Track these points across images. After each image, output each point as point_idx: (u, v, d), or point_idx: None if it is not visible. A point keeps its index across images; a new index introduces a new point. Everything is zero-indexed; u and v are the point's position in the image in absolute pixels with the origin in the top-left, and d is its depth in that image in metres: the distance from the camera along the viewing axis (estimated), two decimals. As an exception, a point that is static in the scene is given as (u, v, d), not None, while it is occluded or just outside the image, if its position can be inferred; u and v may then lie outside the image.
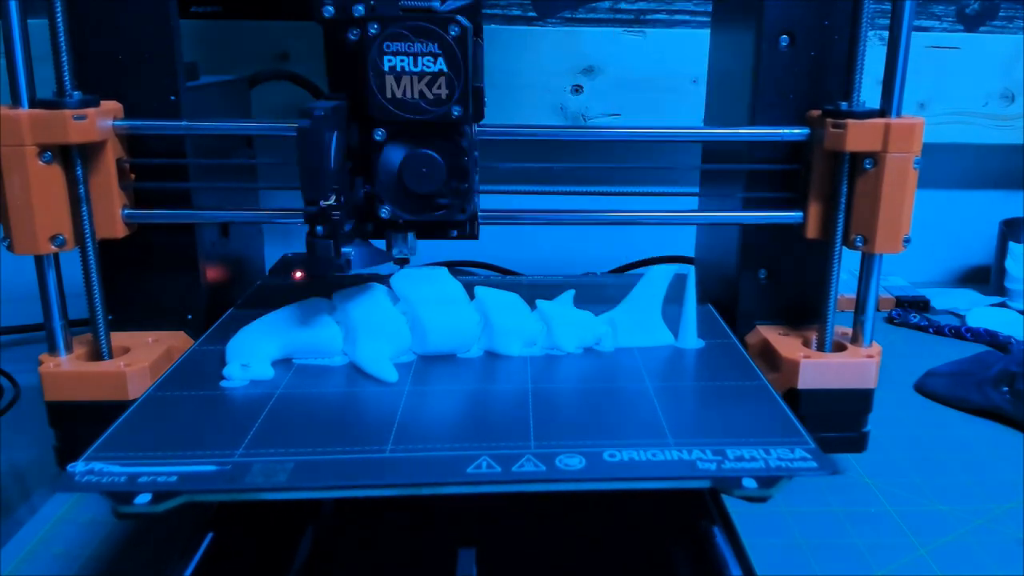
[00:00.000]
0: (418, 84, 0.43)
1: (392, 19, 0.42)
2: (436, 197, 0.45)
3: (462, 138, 0.45)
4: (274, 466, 0.36)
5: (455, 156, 0.45)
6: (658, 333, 0.51)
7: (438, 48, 0.42)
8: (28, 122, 0.45)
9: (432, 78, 0.43)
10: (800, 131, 0.51)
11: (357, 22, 0.43)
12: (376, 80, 0.42)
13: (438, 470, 0.36)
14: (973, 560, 0.47)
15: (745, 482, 0.35)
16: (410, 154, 0.44)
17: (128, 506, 0.33)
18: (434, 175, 0.44)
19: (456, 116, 0.43)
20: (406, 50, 0.42)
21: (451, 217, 0.46)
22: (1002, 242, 0.92)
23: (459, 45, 0.42)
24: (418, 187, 0.45)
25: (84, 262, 0.48)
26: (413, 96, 0.43)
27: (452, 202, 0.45)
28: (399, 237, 0.48)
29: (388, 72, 0.42)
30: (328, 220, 0.42)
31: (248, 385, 0.45)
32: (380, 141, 0.45)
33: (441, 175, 0.44)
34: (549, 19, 0.91)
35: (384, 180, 0.45)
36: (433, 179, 0.45)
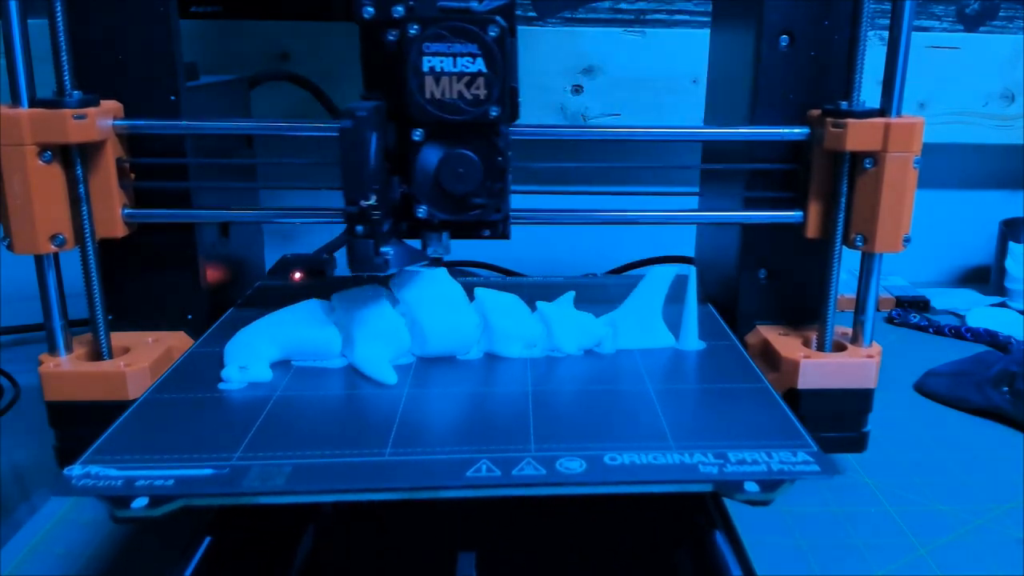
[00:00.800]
0: (457, 84, 0.43)
1: (432, 20, 0.42)
2: (472, 197, 0.45)
3: (498, 138, 0.45)
4: (272, 469, 0.36)
5: (491, 156, 0.45)
6: (659, 335, 0.51)
7: (477, 48, 0.42)
8: (28, 121, 0.45)
9: (471, 78, 0.43)
10: (800, 131, 0.51)
11: (396, 23, 0.43)
12: (415, 80, 0.43)
13: (437, 473, 0.36)
14: (973, 560, 0.47)
15: (747, 486, 0.35)
16: (447, 154, 0.45)
17: (125, 510, 0.33)
18: (471, 175, 0.45)
19: (494, 116, 0.44)
20: (445, 51, 0.42)
21: (486, 217, 0.46)
22: (1002, 242, 0.92)
23: (498, 45, 0.42)
24: (455, 187, 0.45)
25: (84, 262, 0.48)
26: (452, 96, 0.43)
27: (488, 202, 0.45)
28: (434, 236, 0.48)
29: (427, 72, 0.43)
30: (368, 220, 0.42)
31: (246, 387, 0.45)
32: (418, 141, 0.45)
33: (478, 175, 0.45)
34: (549, 19, 0.91)
35: (421, 180, 0.45)
36: (470, 179, 0.45)
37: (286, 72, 0.85)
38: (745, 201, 0.54)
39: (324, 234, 0.88)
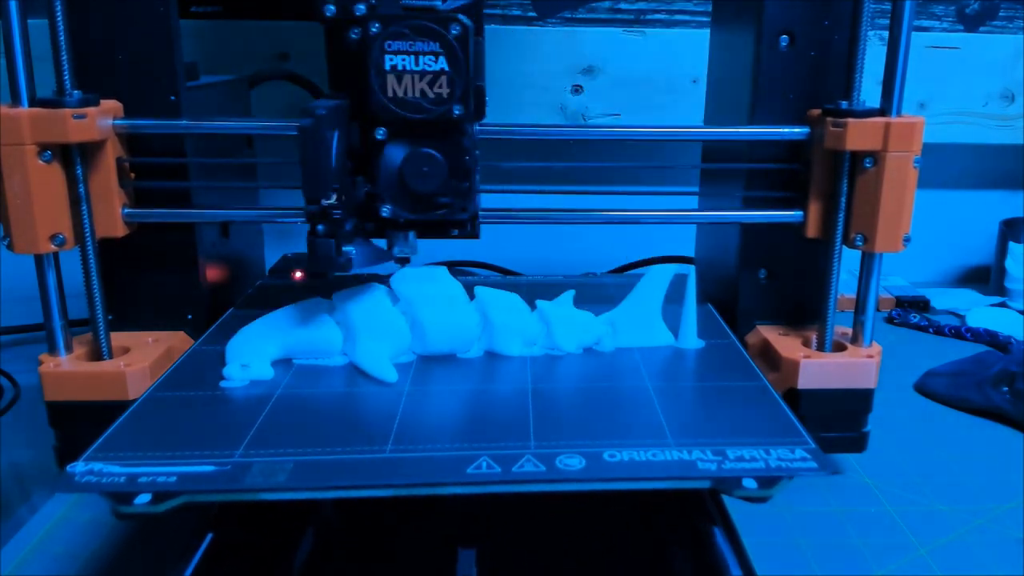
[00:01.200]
0: (419, 83, 0.43)
1: (393, 18, 0.42)
2: (437, 196, 0.45)
3: (463, 137, 0.45)
4: (274, 466, 0.36)
5: (456, 155, 0.45)
6: (658, 333, 0.51)
7: (439, 47, 0.42)
8: (28, 121, 0.45)
9: (433, 77, 0.43)
10: (800, 130, 0.51)
11: (358, 21, 0.43)
12: (377, 79, 0.43)
13: (438, 470, 0.36)
14: (973, 560, 0.47)
15: (745, 482, 0.35)
16: (411, 153, 0.44)
17: (128, 506, 0.33)
18: (435, 174, 0.44)
19: (457, 115, 0.43)
20: (407, 49, 0.42)
21: (452, 216, 0.46)
22: (1002, 242, 0.92)
23: (460, 44, 0.42)
24: (419, 186, 0.45)
25: (84, 261, 0.48)
26: (414, 95, 0.43)
27: (453, 201, 0.45)
28: (400, 236, 0.48)
29: (389, 71, 0.42)
30: (329, 219, 0.42)
31: (248, 385, 0.45)
32: (381, 140, 0.45)
33: (442, 174, 0.44)
34: (549, 19, 0.91)
35: (385, 179, 0.45)
36: (434, 178, 0.45)
37: (286, 72, 0.85)
38: (745, 201, 0.54)
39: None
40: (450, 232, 0.48)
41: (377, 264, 0.47)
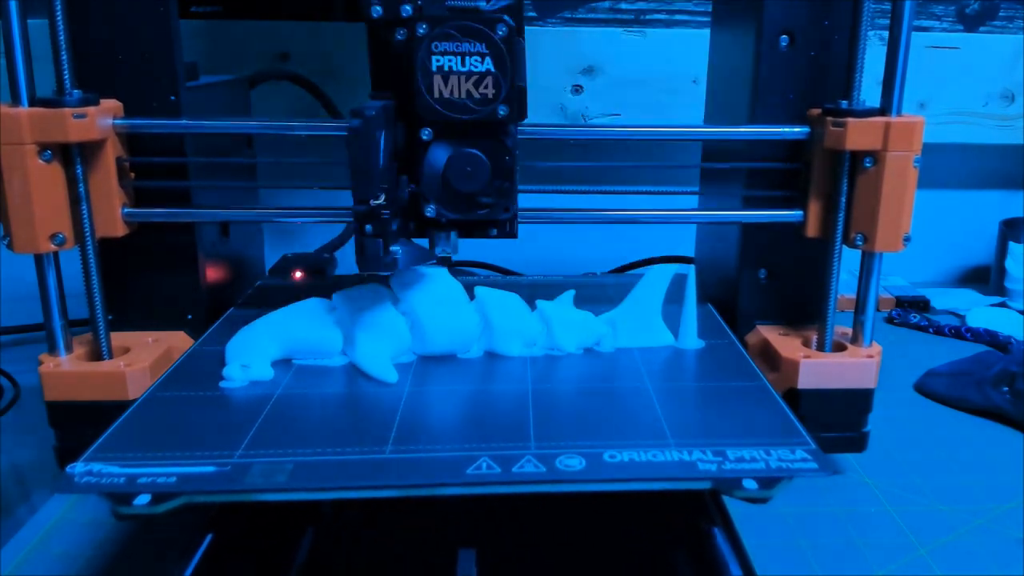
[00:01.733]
0: (465, 84, 0.43)
1: (440, 19, 0.42)
2: (480, 196, 0.45)
3: (507, 137, 0.45)
4: (273, 467, 0.36)
5: (499, 155, 0.45)
6: (658, 333, 0.51)
7: (486, 48, 0.42)
8: (28, 121, 0.45)
9: (480, 78, 0.43)
10: (800, 130, 0.51)
11: (404, 22, 0.44)
12: (424, 80, 0.43)
13: (438, 471, 0.36)
14: (973, 560, 0.47)
15: (746, 483, 0.35)
16: (455, 153, 0.45)
17: (127, 507, 0.33)
18: (479, 174, 0.45)
19: (502, 115, 0.44)
20: (454, 50, 0.42)
21: (494, 216, 0.46)
22: (1002, 242, 0.92)
23: (506, 45, 0.42)
24: (463, 186, 0.45)
25: (84, 261, 0.48)
26: (460, 96, 0.43)
27: (496, 201, 0.45)
28: (442, 236, 0.48)
29: (436, 72, 0.43)
30: (377, 219, 0.42)
31: (248, 385, 0.45)
32: (427, 140, 0.45)
33: (486, 174, 0.45)
34: (549, 19, 0.91)
35: (429, 179, 0.45)
36: (478, 178, 0.45)
37: (286, 72, 0.85)
38: (745, 200, 0.54)
39: (325, 233, 0.88)
40: (490, 232, 0.48)
41: (421, 264, 0.47)
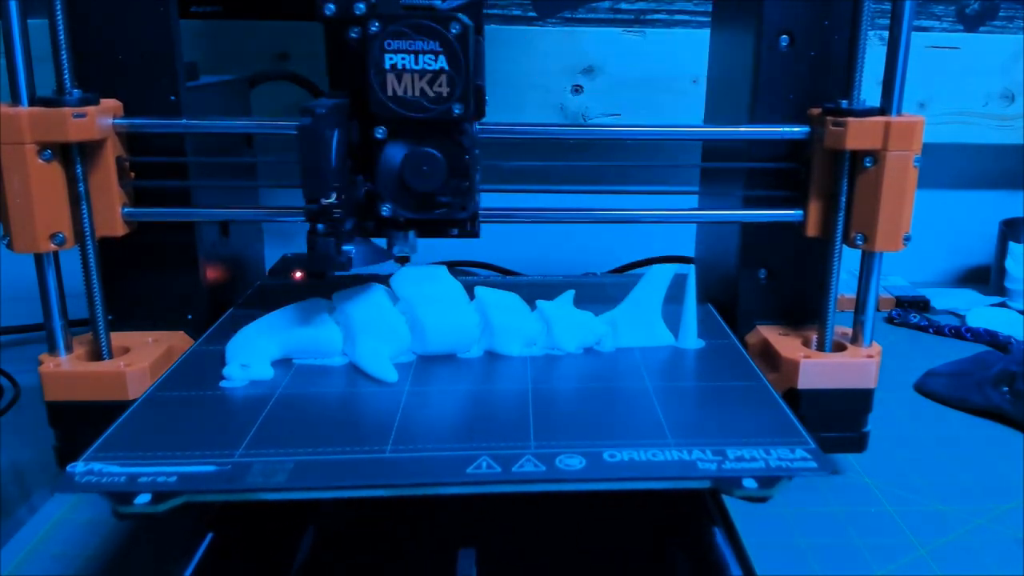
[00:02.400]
0: (419, 82, 0.43)
1: (393, 17, 0.42)
2: (437, 195, 0.45)
3: (463, 136, 0.45)
4: (274, 466, 0.36)
5: (456, 154, 0.45)
6: (658, 333, 0.51)
7: (439, 46, 0.42)
8: (28, 120, 0.45)
9: (433, 76, 0.43)
10: (800, 129, 0.51)
11: (358, 20, 0.43)
12: (377, 78, 0.42)
13: (438, 470, 0.36)
14: (973, 560, 0.47)
15: (745, 482, 0.35)
16: (411, 152, 0.44)
17: (128, 506, 0.33)
18: (435, 173, 0.44)
19: (457, 114, 0.43)
20: (407, 48, 0.42)
21: (452, 215, 0.46)
22: (1002, 242, 0.92)
23: (460, 43, 0.42)
24: (419, 185, 0.45)
25: (84, 260, 0.48)
26: (414, 94, 0.43)
27: (453, 200, 0.45)
28: (400, 235, 0.48)
29: (389, 70, 0.42)
30: (329, 218, 0.42)
31: (248, 385, 0.45)
32: (381, 139, 0.45)
33: (442, 173, 0.44)
34: (549, 19, 0.91)
35: (385, 178, 0.45)
36: (434, 177, 0.44)
37: (286, 72, 0.85)
38: (745, 200, 0.54)
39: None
40: (450, 231, 0.47)
41: (377, 263, 0.47)
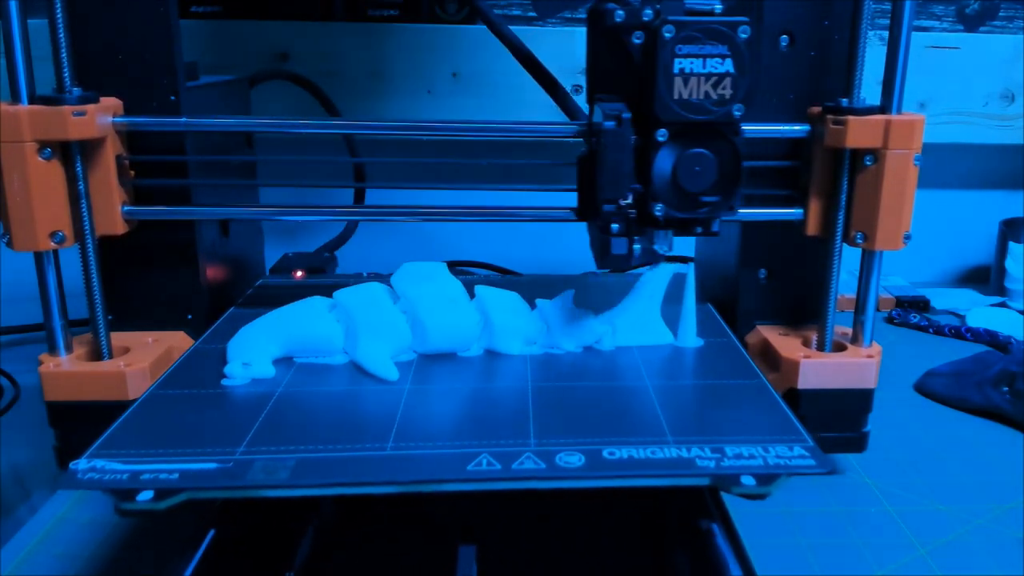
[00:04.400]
0: (704, 85, 0.43)
1: (686, 23, 0.42)
2: (704, 195, 0.45)
3: (737, 137, 0.45)
4: (275, 464, 0.36)
5: (727, 155, 0.45)
6: (657, 332, 0.51)
7: (728, 50, 0.42)
8: (28, 118, 0.45)
9: (719, 79, 0.43)
10: (800, 128, 0.51)
11: (644, 26, 0.44)
12: (665, 82, 0.43)
13: (438, 468, 0.36)
14: (973, 560, 0.47)
15: (744, 479, 0.35)
16: (686, 154, 0.45)
17: (130, 503, 0.33)
18: (706, 174, 0.45)
19: (737, 116, 0.44)
20: (697, 52, 0.42)
21: (716, 214, 0.46)
22: (1002, 242, 0.92)
23: (748, 47, 0.43)
24: (691, 185, 0.45)
25: (84, 259, 0.48)
26: (699, 97, 0.43)
27: (721, 200, 0.45)
28: (661, 233, 0.48)
29: (678, 74, 0.43)
30: (624, 218, 0.43)
31: (249, 383, 0.45)
32: (661, 142, 0.45)
33: (713, 173, 0.45)
34: (549, 19, 0.91)
35: (659, 179, 0.45)
36: (705, 177, 0.45)
37: (286, 72, 0.85)
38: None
39: (325, 233, 0.88)
40: (694, 229, 0.47)
41: (650, 263, 0.48)
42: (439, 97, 0.89)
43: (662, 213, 0.45)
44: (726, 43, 0.42)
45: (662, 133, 0.44)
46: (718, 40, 0.42)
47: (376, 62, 0.89)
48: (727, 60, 0.42)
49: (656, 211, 0.45)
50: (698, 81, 0.43)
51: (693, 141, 0.44)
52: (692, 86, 0.43)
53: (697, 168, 0.44)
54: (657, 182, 0.45)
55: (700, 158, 0.44)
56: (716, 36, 0.42)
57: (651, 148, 0.44)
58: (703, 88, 0.43)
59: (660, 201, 0.45)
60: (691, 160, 0.44)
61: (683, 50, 0.42)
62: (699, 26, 0.42)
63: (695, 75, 0.43)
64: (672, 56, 0.42)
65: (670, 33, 0.42)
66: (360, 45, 0.88)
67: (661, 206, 0.45)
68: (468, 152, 0.89)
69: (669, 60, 0.42)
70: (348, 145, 0.83)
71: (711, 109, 0.43)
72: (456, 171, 0.84)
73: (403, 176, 0.92)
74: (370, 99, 0.89)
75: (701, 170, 0.44)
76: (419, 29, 0.88)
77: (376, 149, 0.90)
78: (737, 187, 0.45)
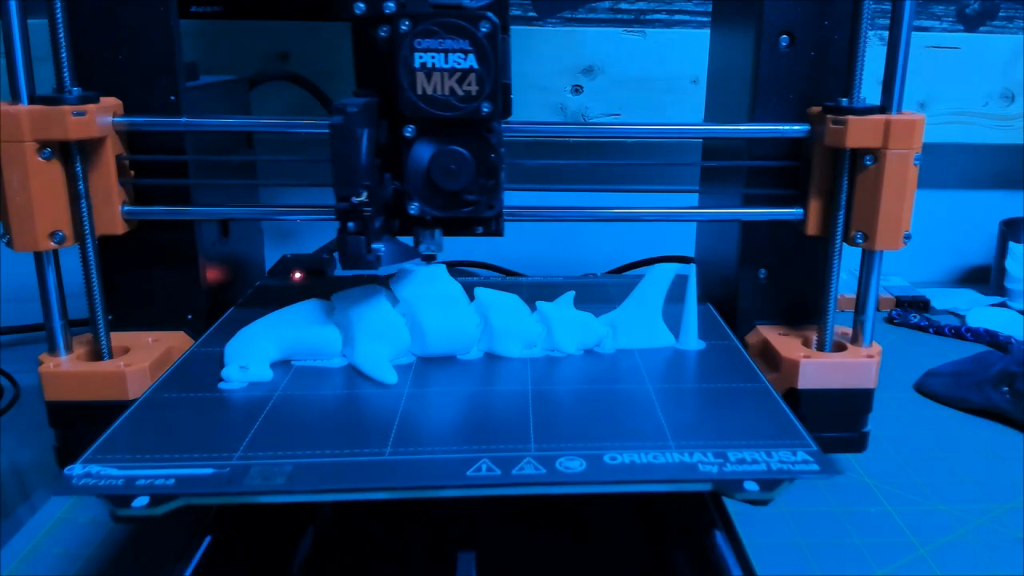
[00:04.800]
0: (448, 81, 0.43)
1: (424, 16, 0.42)
2: (464, 193, 0.45)
3: (491, 134, 0.45)
4: (272, 468, 0.36)
5: (484, 153, 0.45)
6: (659, 334, 0.51)
7: (469, 45, 0.42)
8: (28, 118, 0.45)
9: (463, 75, 0.43)
10: (800, 127, 0.51)
11: (387, 19, 0.43)
12: (407, 77, 0.43)
13: (437, 472, 0.36)
14: (973, 560, 0.47)
15: (747, 485, 0.35)
16: (439, 151, 0.44)
17: (126, 509, 0.33)
18: (463, 171, 0.44)
19: (486, 113, 0.44)
20: (437, 47, 0.42)
21: (479, 214, 0.46)
22: (1002, 242, 0.92)
23: (490, 42, 0.42)
24: (447, 184, 0.45)
25: (84, 259, 0.48)
26: (443, 93, 0.43)
27: (480, 199, 0.45)
28: (426, 233, 0.48)
29: (419, 69, 0.42)
30: (360, 216, 0.42)
31: (247, 387, 0.45)
32: (410, 138, 0.45)
33: (470, 172, 0.45)
34: (549, 19, 0.91)
35: (413, 177, 0.45)
36: (462, 175, 0.45)
37: (286, 72, 0.85)
38: (745, 199, 0.54)
39: (324, 234, 0.88)
40: (475, 229, 0.48)
41: (405, 262, 0.47)
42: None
43: (418, 211, 0.45)
44: (467, 37, 0.42)
45: (409, 129, 0.44)
46: (459, 35, 0.42)
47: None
48: (470, 55, 0.42)
49: (411, 209, 0.45)
50: (442, 76, 0.42)
51: (447, 138, 0.44)
52: (435, 81, 0.42)
53: (452, 166, 0.44)
54: (411, 179, 0.45)
55: (455, 156, 0.44)
56: (455, 30, 0.42)
57: (402, 145, 0.44)
58: (447, 83, 0.43)
59: (416, 199, 0.45)
60: (445, 158, 0.44)
61: (422, 44, 0.42)
62: (437, 20, 0.42)
63: (438, 70, 0.42)
64: (412, 50, 0.42)
65: (406, 27, 0.42)
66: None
67: (417, 204, 0.45)
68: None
69: (409, 54, 0.42)
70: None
71: (458, 105, 0.43)
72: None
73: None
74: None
75: (457, 168, 0.44)
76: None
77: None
78: (497, 185, 0.45)
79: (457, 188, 0.45)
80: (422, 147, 0.45)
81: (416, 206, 0.45)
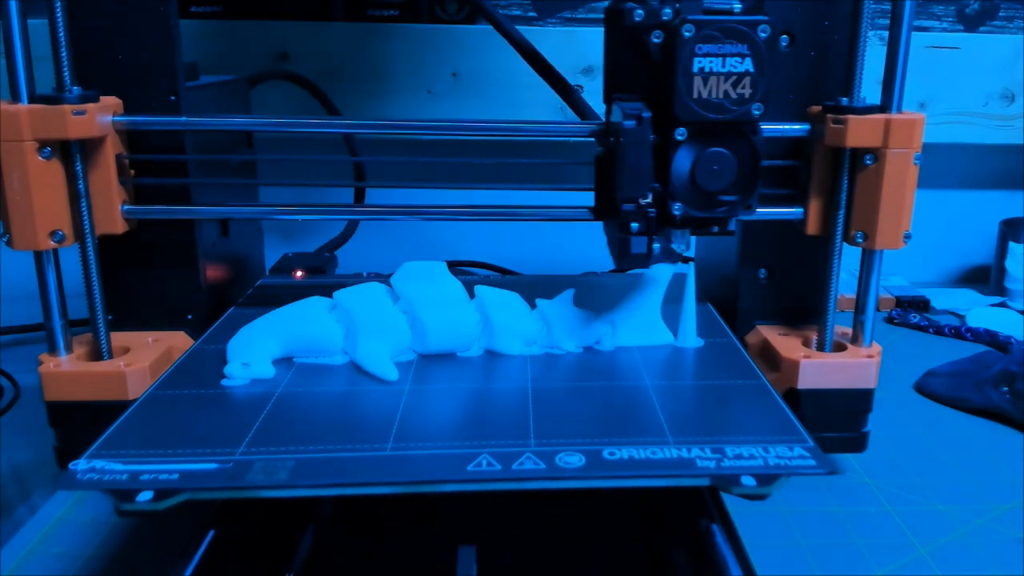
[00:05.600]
0: (724, 84, 0.43)
1: (706, 22, 0.42)
2: (723, 194, 0.45)
3: (756, 136, 0.45)
4: (275, 464, 0.36)
5: (746, 154, 0.45)
6: (658, 332, 0.51)
7: (747, 49, 0.42)
8: (27, 117, 0.45)
9: (738, 78, 0.43)
10: (800, 127, 0.51)
11: (663, 25, 0.44)
12: (684, 81, 0.43)
13: (438, 468, 0.36)
14: (973, 560, 0.47)
15: (744, 480, 0.35)
16: (706, 152, 0.45)
17: (130, 504, 0.33)
18: (725, 172, 0.45)
19: (756, 115, 0.44)
20: (716, 51, 0.42)
21: (734, 213, 0.46)
22: (1002, 242, 0.92)
23: (768, 46, 0.43)
24: (710, 184, 0.45)
25: (84, 258, 0.48)
26: (718, 96, 0.43)
27: (738, 199, 0.45)
28: (679, 233, 0.48)
29: (697, 73, 0.43)
30: (644, 217, 0.43)
31: (249, 384, 0.45)
32: (680, 141, 0.45)
33: (732, 172, 0.45)
34: (549, 19, 0.91)
35: (678, 178, 0.45)
36: (724, 176, 0.45)
37: (286, 72, 0.85)
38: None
39: (325, 232, 0.88)
40: (711, 229, 0.47)
41: (669, 261, 0.48)
42: (439, 97, 0.89)
43: (680, 212, 0.45)
44: (746, 42, 0.42)
45: (681, 132, 0.44)
46: (737, 39, 0.42)
47: (376, 62, 0.89)
48: (747, 59, 0.42)
49: (675, 210, 0.45)
50: (717, 80, 0.43)
51: (712, 140, 0.44)
52: (711, 85, 0.43)
53: (715, 167, 0.44)
54: (676, 181, 0.45)
55: (719, 157, 0.44)
56: (736, 35, 0.42)
57: (670, 147, 0.44)
58: (722, 87, 0.43)
59: (679, 200, 0.45)
60: (710, 159, 0.44)
61: (703, 49, 0.42)
62: (719, 25, 0.42)
63: (714, 74, 0.43)
64: (692, 55, 0.42)
65: (690, 32, 0.42)
66: (360, 45, 0.88)
67: (680, 205, 0.45)
68: (467, 152, 0.89)
69: (689, 59, 0.42)
70: (348, 145, 0.83)
71: (730, 108, 0.43)
72: (456, 171, 0.84)
73: (403, 176, 0.92)
74: (370, 99, 0.89)
75: (719, 169, 0.44)
76: (419, 29, 0.88)
77: (376, 149, 0.90)
78: (755, 186, 0.45)
79: (718, 189, 0.45)
80: (686, 149, 0.45)
81: (680, 207, 0.45)
